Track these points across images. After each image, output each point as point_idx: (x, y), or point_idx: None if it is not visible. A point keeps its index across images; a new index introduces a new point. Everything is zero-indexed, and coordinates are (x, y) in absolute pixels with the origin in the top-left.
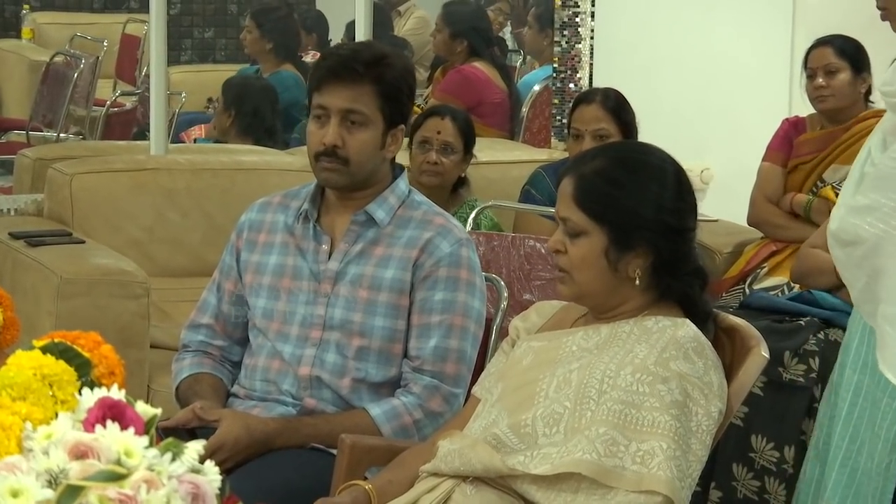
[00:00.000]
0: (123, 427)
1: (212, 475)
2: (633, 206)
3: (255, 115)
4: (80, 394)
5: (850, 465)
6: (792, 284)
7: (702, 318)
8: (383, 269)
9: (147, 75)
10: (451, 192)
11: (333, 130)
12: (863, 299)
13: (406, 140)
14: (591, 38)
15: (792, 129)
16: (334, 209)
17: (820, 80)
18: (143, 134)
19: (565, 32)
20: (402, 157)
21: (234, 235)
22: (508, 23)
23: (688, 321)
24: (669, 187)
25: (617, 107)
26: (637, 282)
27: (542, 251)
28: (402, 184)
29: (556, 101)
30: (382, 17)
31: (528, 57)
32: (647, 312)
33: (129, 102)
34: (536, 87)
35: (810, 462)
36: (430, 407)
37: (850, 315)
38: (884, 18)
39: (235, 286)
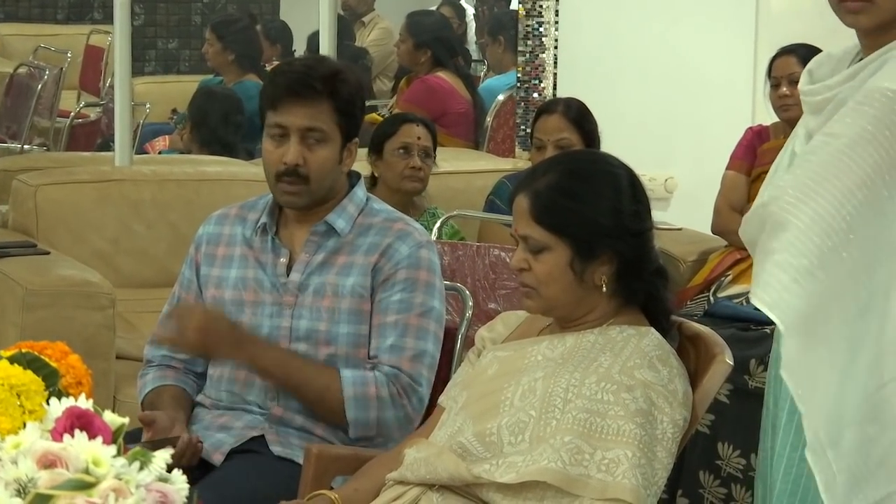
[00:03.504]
0: (91, 436)
1: (179, 484)
2: (592, 216)
3: (211, 127)
4: (47, 403)
5: (794, 473)
6: None
7: (665, 316)
8: (345, 277)
9: (111, 86)
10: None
11: (294, 149)
12: (755, 271)
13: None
14: (555, 47)
15: (756, 138)
16: (293, 222)
17: (784, 90)
18: (107, 145)
19: (529, 42)
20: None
21: (192, 249)
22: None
23: (652, 329)
24: (624, 191)
25: (579, 117)
26: (604, 289)
27: (507, 260)
28: (360, 191)
29: (519, 110)
30: (344, 27)
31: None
32: (613, 321)
33: (93, 113)
34: (500, 97)
35: (756, 480)
36: (394, 390)
37: (777, 327)
38: (856, 10)
39: (196, 300)
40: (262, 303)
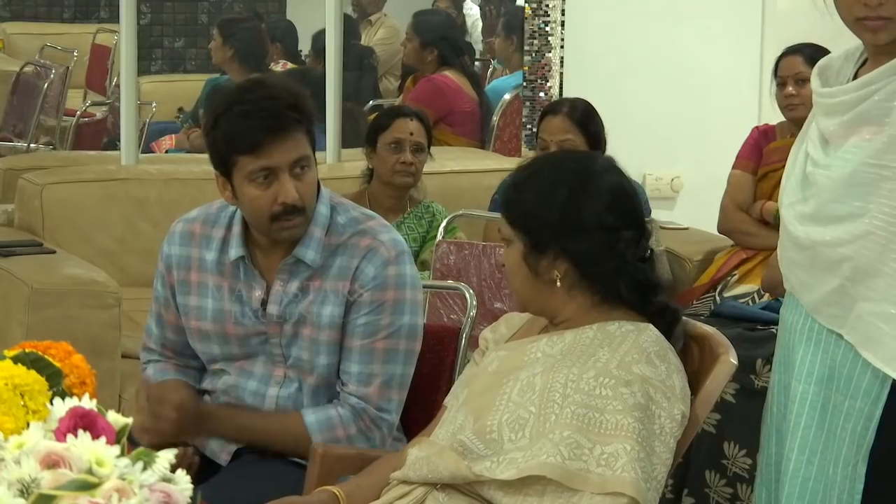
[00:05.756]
0: (95, 436)
1: (183, 484)
2: (532, 209)
3: None
4: (51, 403)
5: (802, 476)
6: (762, 292)
7: (654, 318)
8: (321, 306)
9: (117, 85)
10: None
11: (290, 186)
12: (829, 301)
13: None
14: (562, 47)
15: (762, 137)
16: (265, 248)
17: (790, 89)
18: (113, 144)
19: (535, 42)
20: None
21: (162, 266)
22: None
23: (650, 325)
24: (588, 191)
25: (583, 118)
26: (558, 284)
27: None
28: (323, 208)
29: (526, 109)
30: (349, 26)
31: (493, 63)
32: (609, 316)
33: (99, 112)
34: (507, 96)
35: (758, 487)
36: (361, 426)
37: (786, 329)
38: (877, 29)
39: (177, 319)
40: (246, 336)
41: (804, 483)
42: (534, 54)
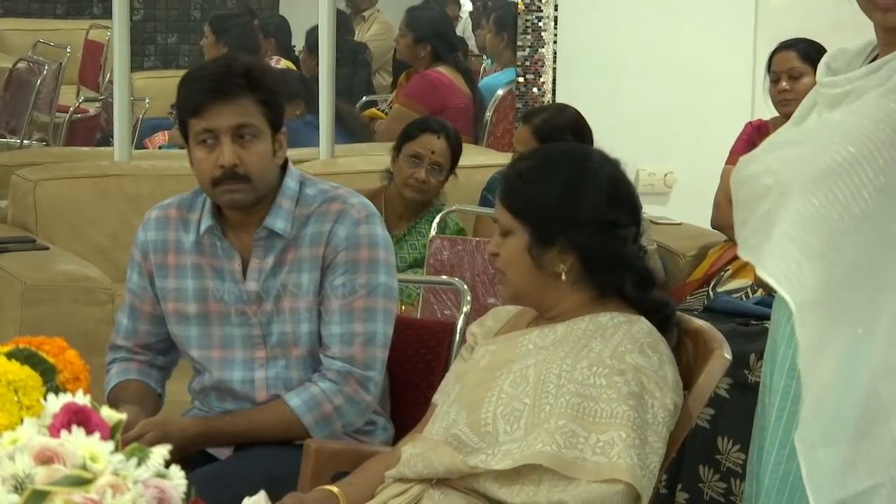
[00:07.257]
0: (89, 432)
1: (177, 479)
2: (541, 199)
3: None
4: (45, 399)
5: (782, 470)
6: (756, 287)
7: (650, 313)
8: (297, 275)
9: (110, 81)
10: None
11: (228, 149)
12: (755, 229)
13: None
14: (555, 42)
15: (755, 133)
16: (236, 224)
17: (784, 84)
18: (106, 140)
19: (528, 37)
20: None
21: (137, 254)
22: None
23: (642, 318)
24: (588, 182)
25: (540, 136)
26: (563, 277)
27: None
28: (291, 182)
29: (519, 105)
30: (343, 22)
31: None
32: (602, 309)
33: (92, 108)
34: (500, 92)
35: (747, 478)
36: (347, 392)
37: (773, 322)
38: (886, 8)
39: (153, 308)
40: (227, 314)
41: (784, 478)
42: (527, 50)
